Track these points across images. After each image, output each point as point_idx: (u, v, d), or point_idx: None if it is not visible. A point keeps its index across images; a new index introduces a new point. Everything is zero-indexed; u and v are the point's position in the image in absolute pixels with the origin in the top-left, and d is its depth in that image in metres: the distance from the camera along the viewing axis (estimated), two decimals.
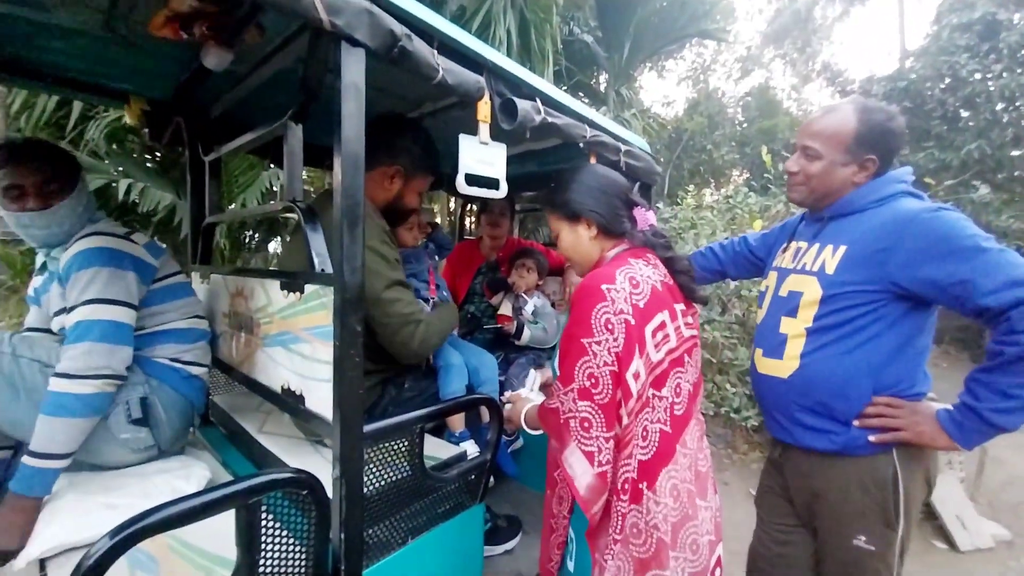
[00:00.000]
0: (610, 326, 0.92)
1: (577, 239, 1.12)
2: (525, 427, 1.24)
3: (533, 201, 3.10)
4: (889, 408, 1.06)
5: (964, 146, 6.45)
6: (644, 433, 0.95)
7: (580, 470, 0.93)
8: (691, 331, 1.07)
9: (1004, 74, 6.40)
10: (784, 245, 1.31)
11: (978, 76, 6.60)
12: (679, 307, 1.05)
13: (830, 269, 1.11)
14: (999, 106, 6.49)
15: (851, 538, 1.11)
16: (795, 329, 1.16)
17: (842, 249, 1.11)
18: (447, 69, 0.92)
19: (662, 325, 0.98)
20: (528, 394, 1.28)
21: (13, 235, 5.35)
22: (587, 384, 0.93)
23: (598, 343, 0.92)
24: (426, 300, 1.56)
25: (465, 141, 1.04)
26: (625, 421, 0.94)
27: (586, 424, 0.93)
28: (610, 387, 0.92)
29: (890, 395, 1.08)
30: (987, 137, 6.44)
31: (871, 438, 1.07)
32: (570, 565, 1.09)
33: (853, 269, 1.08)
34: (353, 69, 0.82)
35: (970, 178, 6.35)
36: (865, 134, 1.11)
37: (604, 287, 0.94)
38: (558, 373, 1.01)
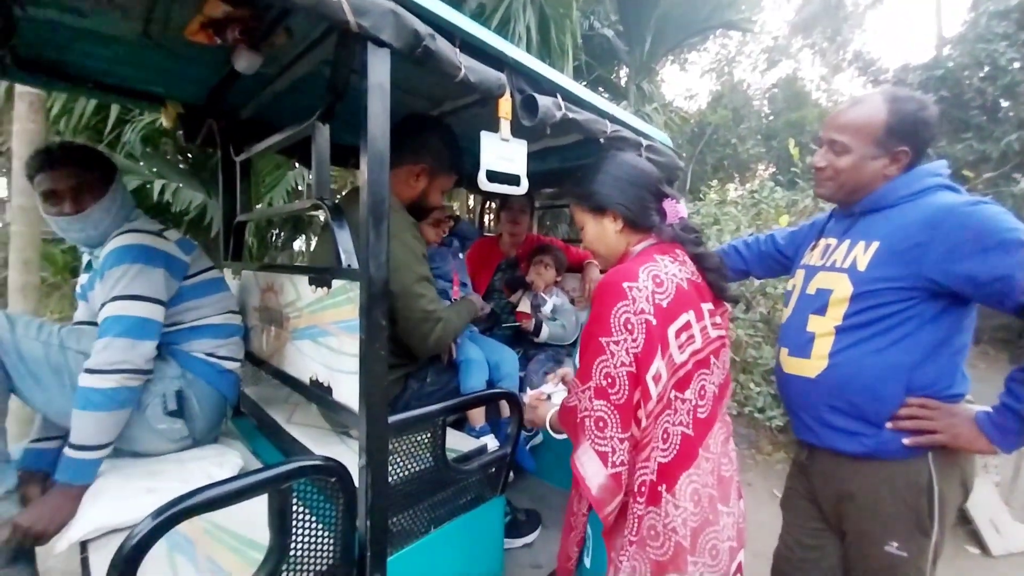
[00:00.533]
0: (629, 326, 0.90)
1: (602, 232, 1.08)
2: (550, 431, 1.22)
3: (554, 196, 3.09)
4: (924, 410, 1.03)
5: (1004, 137, 6.16)
6: (665, 435, 0.93)
7: (593, 470, 0.92)
8: (718, 331, 1.03)
9: None
10: (813, 243, 1.27)
11: (1017, 65, 6.28)
12: (706, 306, 1.01)
13: (862, 266, 1.07)
14: None
15: (883, 544, 1.07)
16: (824, 327, 1.12)
17: (875, 245, 1.07)
18: (469, 67, 0.93)
19: (687, 325, 0.95)
20: (551, 390, 1.27)
21: (54, 233, 5.62)
22: (604, 383, 0.91)
23: (616, 343, 0.90)
24: (449, 300, 1.58)
25: (486, 138, 1.05)
26: (644, 423, 0.92)
27: (601, 424, 0.92)
28: (627, 387, 0.90)
29: (925, 396, 1.04)
30: None
31: (905, 441, 1.03)
32: (587, 562, 1.09)
33: (886, 266, 1.04)
34: (379, 69, 0.84)
35: (1010, 170, 6.05)
36: (896, 125, 1.07)
37: (625, 285, 0.91)
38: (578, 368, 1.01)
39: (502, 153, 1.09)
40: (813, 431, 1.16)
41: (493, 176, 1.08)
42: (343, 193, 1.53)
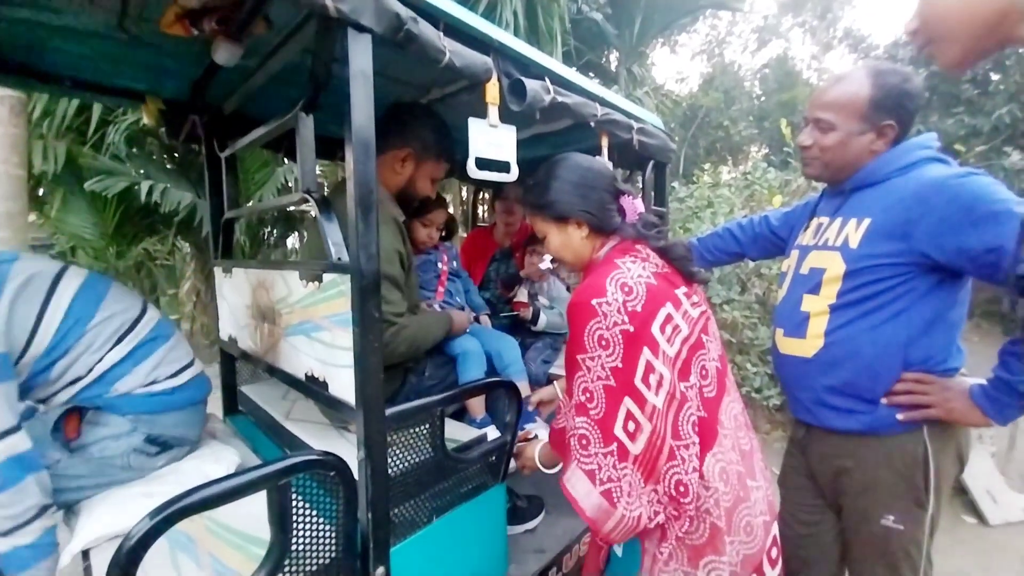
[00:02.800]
0: (603, 342, 0.89)
1: (568, 240, 1.06)
2: (542, 468, 1.20)
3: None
4: (919, 384, 1.03)
5: (995, 111, 6.16)
6: (692, 428, 0.92)
7: (583, 490, 0.91)
8: (699, 309, 1.02)
9: None
10: (806, 223, 1.27)
11: None
12: (680, 291, 0.99)
13: (854, 243, 1.07)
14: None
15: (879, 518, 1.09)
16: (818, 306, 1.13)
17: (866, 222, 1.06)
18: (454, 51, 0.91)
19: (668, 318, 0.93)
20: (538, 428, 1.24)
21: (42, 240, 5.53)
22: (583, 399, 0.92)
23: (592, 359, 0.90)
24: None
25: (474, 124, 1.04)
26: (647, 426, 0.89)
27: (584, 441, 0.91)
28: (604, 402, 0.89)
29: (920, 371, 1.04)
30: (1018, 101, 6.13)
31: (900, 416, 1.04)
32: (618, 551, 1.08)
33: (879, 241, 1.04)
34: (360, 55, 0.82)
35: (1001, 144, 6.07)
36: (881, 99, 1.06)
37: (594, 302, 0.90)
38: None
39: (491, 140, 1.08)
40: (810, 410, 1.17)
41: (483, 164, 1.07)
42: (330, 186, 1.51)
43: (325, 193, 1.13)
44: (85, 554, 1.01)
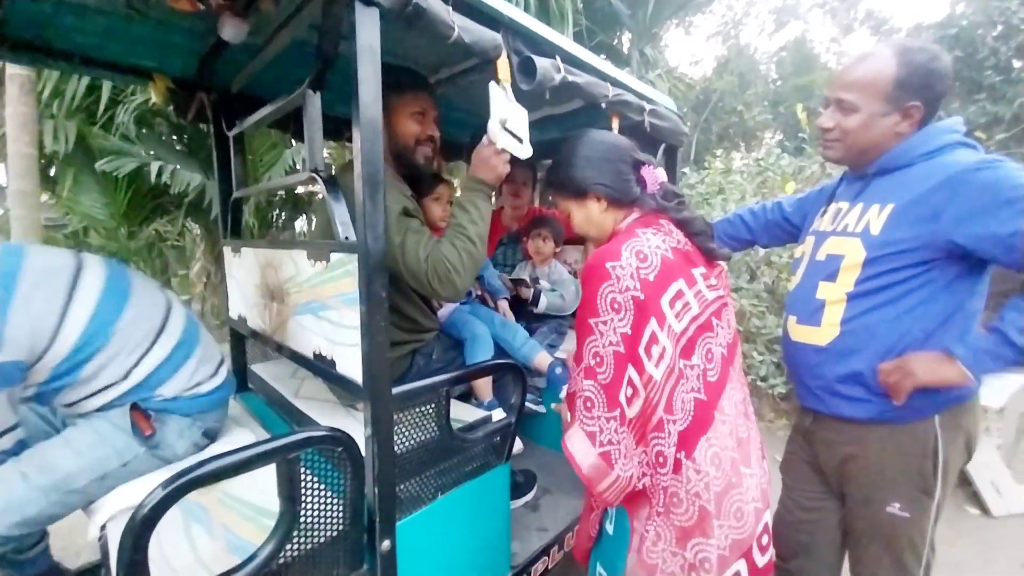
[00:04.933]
0: (616, 305, 0.90)
1: (588, 215, 1.07)
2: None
3: None
4: (900, 369, 1.02)
5: (1017, 98, 5.98)
6: (682, 405, 0.93)
7: (583, 450, 0.93)
8: (715, 292, 1.01)
9: None
10: (823, 208, 1.24)
11: None
12: (698, 271, 0.99)
13: (875, 230, 1.04)
14: None
15: (885, 505, 1.09)
16: (835, 294, 1.10)
17: (889, 207, 1.03)
18: (463, 27, 0.90)
19: (679, 294, 0.93)
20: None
21: (55, 220, 5.59)
22: (592, 363, 0.93)
23: (604, 323, 0.91)
24: None
25: (495, 89, 1.02)
26: (642, 394, 0.91)
27: (589, 404, 0.93)
28: (612, 367, 0.91)
29: None
30: None
31: (897, 403, 1.03)
32: (609, 528, 1.09)
33: (902, 228, 1.01)
34: (368, 30, 0.81)
35: (1022, 132, 5.90)
36: (906, 78, 1.01)
37: (608, 265, 0.91)
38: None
39: (510, 112, 1.06)
40: (820, 398, 1.16)
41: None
42: (336, 166, 1.48)
43: (332, 172, 1.12)
44: (102, 528, 1.04)
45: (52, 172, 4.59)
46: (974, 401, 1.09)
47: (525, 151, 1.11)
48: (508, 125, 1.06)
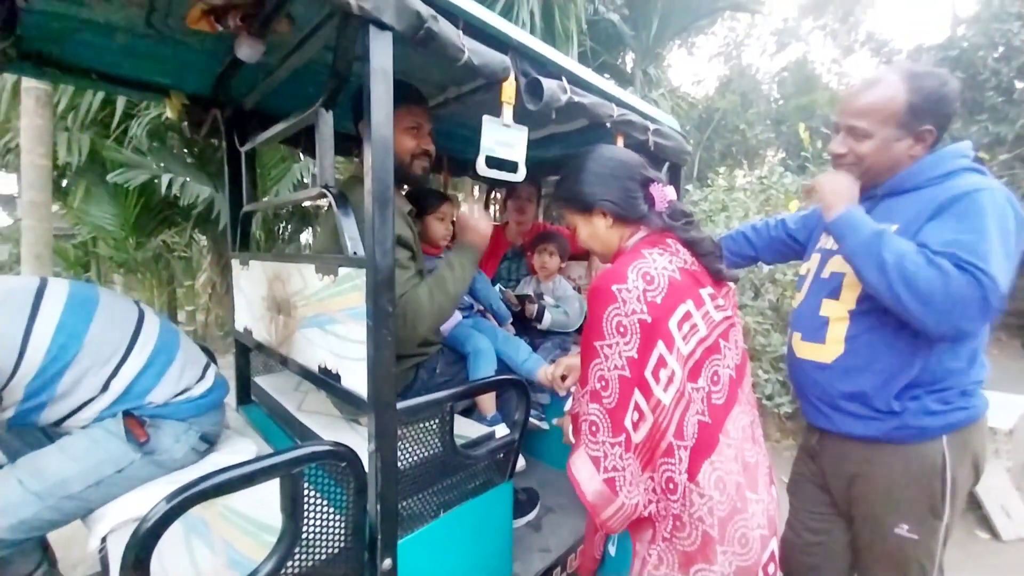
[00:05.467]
0: (622, 329, 0.89)
1: (594, 230, 1.06)
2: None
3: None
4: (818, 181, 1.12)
5: (1019, 119, 6.02)
6: (691, 430, 0.91)
7: (587, 475, 0.92)
8: (723, 313, 1.00)
9: None
10: None
11: None
12: (706, 291, 0.97)
13: None
14: None
15: (893, 527, 1.07)
16: (838, 312, 1.11)
17: (893, 228, 1.04)
18: (472, 50, 0.92)
19: (687, 316, 0.92)
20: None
21: (65, 231, 5.68)
22: (598, 386, 0.92)
23: (609, 346, 0.90)
24: None
25: (488, 123, 1.04)
26: (649, 418, 0.89)
27: (594, 428, 0.92)
28: (618, 391, 0.90)
29: (944, 384, 1.03)
30: None
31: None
32: (611, 550, 1.08)
33: None
34: (381, 53, 0.83)
35: None
36: (919, 104, 1.03)
37: (615, 288, 0.90)
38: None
39: (502, 139, 1.08)
40: (826, 415, 1.15)
41: (493, 163, 1.07)
42: (342, 181, 1.48)
43: (340, 186, 1.14)
44: (103, 540, 1.03)
45: (64, 183, 4.67)
46: (982, 422, 1.08)
47: (518, 176, 1.12)
48: (501, 153, 1.08)
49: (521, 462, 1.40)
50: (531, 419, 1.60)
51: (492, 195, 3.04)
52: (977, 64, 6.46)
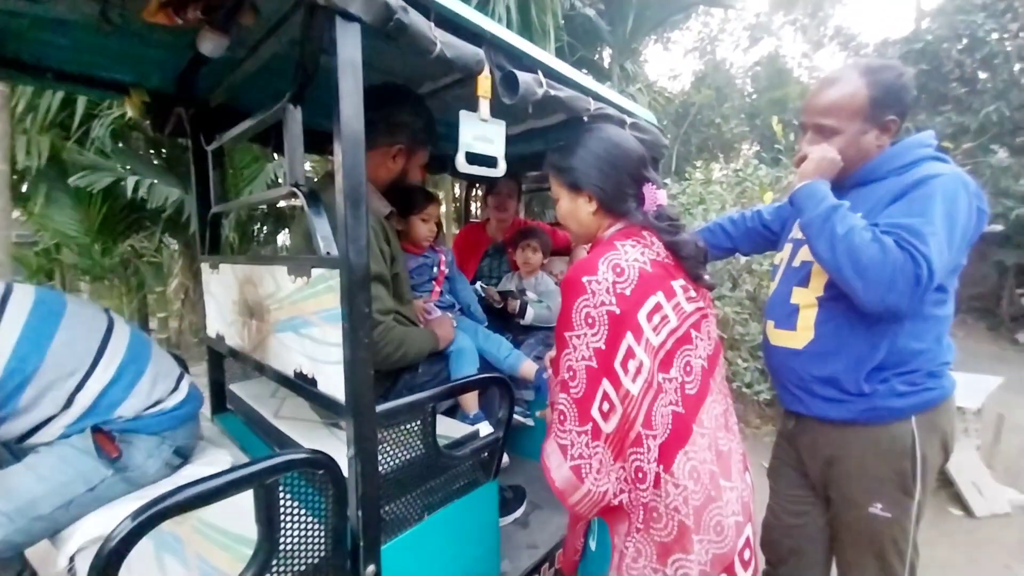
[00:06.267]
0: (590, 320, 0.90)
1: (576, 210, 1.05)
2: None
3: (541, 180, 3.07)
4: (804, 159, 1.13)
5: (982, 109, 6.25)
6: (661, 419, 0.92)
7: (556, 462, 0.94)
8: (695, 304, 1.00)
9: (1021, 34, 6.17)
10: None
11: (995, 36, 6.36)
12: (678, 283, 0.98)
13: None
14: (1016, 67, 6.27)
15: (867, 506, 1.10)
16: (807, 299, 1.14)
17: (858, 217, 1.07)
18: (445, 42, 0.90)
19: (657, 307, 0.93)
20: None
21: (26, 237, 5.43)
22: (566, 377, 0.93)
23: (578, 337, 0.91)
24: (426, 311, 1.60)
25: (465, 118, 1.02)
26: (619, 409, 0.90)
27: (562, 417, 0.94)
28: (584, 382, 0.91)
29: (911, 366, 1.06)
30: (1006, 99, 6.23)
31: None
32: (592, 544, 1.08)
33: None
34: (349, 45, 0.80)
35: (988, 141, 6.16)
36: (880, 96, 1.07)
37: (585, 279, 0.91)
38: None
39: (480, 134, 1.06)
40: (801, 400, 1.18)
41: (472, 158, 1.05)
42: (316, 180, 1.47)
43: (312, 185, 1.11)
44: (71, 560, 0.99)
45: (24, 188, 4.46)
46: (949, 402, 1.12)
47: (498, 172, 1.11)
48: (480, 148, 1.06)
49: (506, 459, 1.39)
50: (515, 416, 1.59)
51: (473, 193, 3.01)
52: (941, 56, 6.68)
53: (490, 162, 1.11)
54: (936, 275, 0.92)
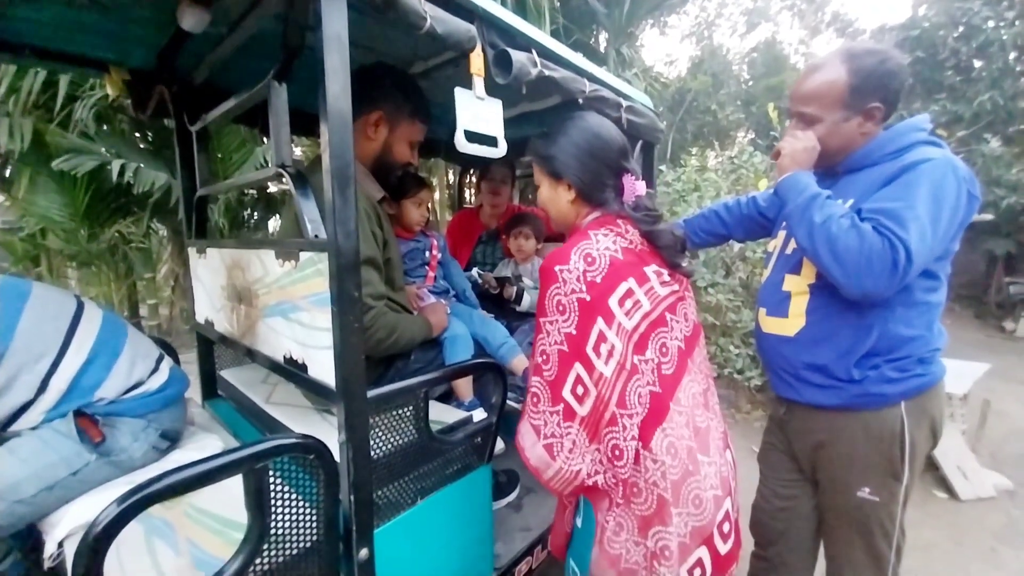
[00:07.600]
0: (561, 307, 0.94)
1: (555, 197, 1.09)
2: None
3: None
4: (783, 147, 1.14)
5: (977, 97, 6.25)
6: (637, 399, 0.95)
7: (529, 442, 0.98)
8: (669, 288, 1.03)
9: (1017, 22, 6.15)
10: None
11: (991, 24, 6.33)
12: (650, 269, 1.01)
13: None
14: (1012, 55, 6.26)
15: (855, 490, 1.12)
16: (799, 286, 1.14)
17: (849, 203, 1.07)
18: (435, 17, 0.87)
19: (629, 293, 0.96)
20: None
21: (11, 223, 5.32)
22: (539, 360, 0.97)
23: (551, 323, 0.96)
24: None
25: (461, 95, 0.99)
26: (593, 392, 0.93)
27: (535, 399, 0.98)
28: (557, 364, 0.95)
29: (903, 352, 1.06)
30: (1000, 87, 6.22)
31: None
32: (578, 522, 1.10)
33: None
34: (335, 19, 0.77)
35: (982, 130, 6.17)
36: (860, 83, 1.05)
37: (557, 269, 0.95)
38: None
39: (478, 113, 1.04)
40: (791, 387, 1.18)
41: (471, 137, 1.03)
42: (307, 163, 1.44)
43: (301, 167, 1.08)
44: (59, 545, 0.98)
45: (7, 172, 4.35)
46: (939, 388, 1.12)
47: (498, 151, 1.08)
48: (478, 127, 1.04)
49: (500, 444, 1.39)
50: (509, 402, 1.59)
51: (467, 179, 2.97)
52: (937, 43, 6.65)
53: (490, 141, 1.08)
54: (915, 260, 0.91)
